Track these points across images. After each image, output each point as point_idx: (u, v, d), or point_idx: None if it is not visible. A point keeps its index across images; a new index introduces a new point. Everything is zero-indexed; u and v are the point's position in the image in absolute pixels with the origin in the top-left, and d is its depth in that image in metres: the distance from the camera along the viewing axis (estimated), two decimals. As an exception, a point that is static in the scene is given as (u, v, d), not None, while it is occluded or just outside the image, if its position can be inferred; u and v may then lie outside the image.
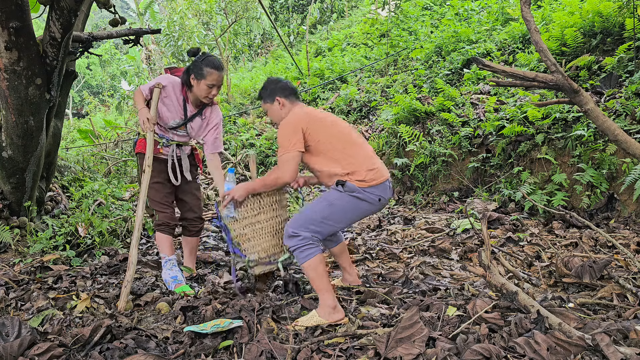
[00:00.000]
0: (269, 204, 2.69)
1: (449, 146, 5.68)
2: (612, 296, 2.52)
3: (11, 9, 3.17)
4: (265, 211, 2.68)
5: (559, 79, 2.58)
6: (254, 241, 2.69)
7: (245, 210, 2.67)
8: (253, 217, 2.67)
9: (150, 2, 13.39)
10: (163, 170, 3.07)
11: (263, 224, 2.68)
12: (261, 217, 2.67)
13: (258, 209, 2.67)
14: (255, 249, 2.69)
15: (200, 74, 2.88)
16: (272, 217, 2.70)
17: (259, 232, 2.69)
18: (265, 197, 2.67)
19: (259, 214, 2.67)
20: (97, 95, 21.09)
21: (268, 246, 2.69)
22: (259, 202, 2.66)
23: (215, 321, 2.30)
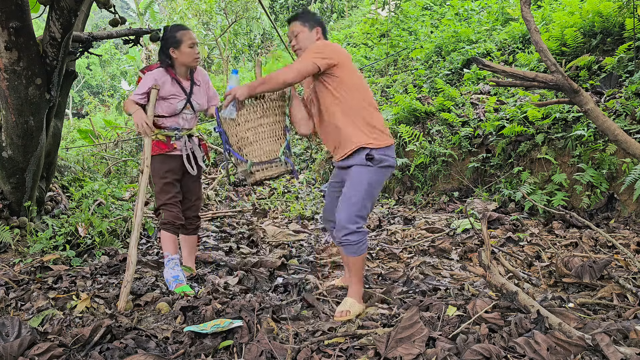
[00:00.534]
0: (272, 108, 2.69)
1: (449, 146, 5.68)
2: (612, 296, 2.52)
3: (11, 9, 3.17)
4: (268, 115, 2.68)
5: (559, 79, 2.58)
6: (256, 145, 2.68)
7: (248, 114, 2.66)
8: (256, 120, 2.66)
9: (150, 2, 13.38)
10: (172, 169, 3.06)
11: (265, 127, 2.68)
12: (264, 121, 2.67)
13: (261, 112, 2.66)
14: (257, 153, 2.68)
15: (175, 41, 2.95)
16: (275, 121, 2.70)
17: (261, 136, 2.67)
18: (268, 101, 2.66)
19: (262, 117, 2.66)
20: (97, 95, 21.09)
21: (270, 150, 2.69)
22: (262, 106, 2.66)
23: (215, 321, 2.30)
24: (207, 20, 13.18)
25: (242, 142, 2.70)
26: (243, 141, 2.70)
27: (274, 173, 2.72)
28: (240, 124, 2.68)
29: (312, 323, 2.43)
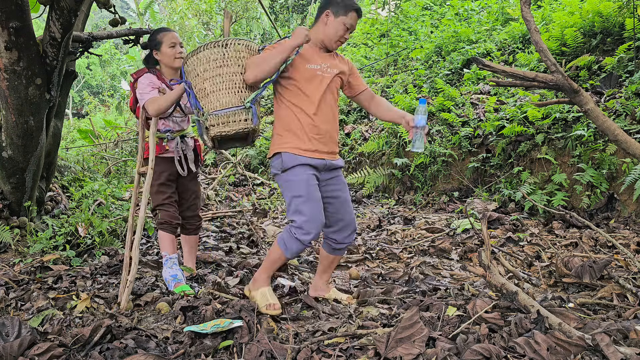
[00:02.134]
0: (235, 57, 2.50)
1: (449, 146, 5.68)
2: (612, 296, 2.52)
3: (11, 9, 3.17)
4: (229, 64, 2.49)
5: (559, 79, 2.58)
6: (212, 95, 2.50)
7: (207, 63, 2.49)
8: (215, 69, 2.49)
9: (150, 2, 13.39)
10: (166, 170, 3.07)
11: (224, 77, 2.49)
12: (223, 71, 2.49)
13: (221, 61, 2.48)
14: (214, 104, 2.50)
15: (156, 43, 2.96)
16: (236, 72, 2.50)
17: (219, 87, 2.49)
18: (231, 50, 2.49)
19: (222, 66, 2.49)
20: (97, 95, 21.10)
21: (227, 102, 2.48)
22: (223, 54, 2.48)
23: (215, 321, 2.30)
24: (207, 20, 13.18)
25: (200, 94, 2.53)
26: (201, 93, 2.52)
27: (231, 129, 2.49)
28: (199, 74, 2.51)
29: (312, 323, 2.43)
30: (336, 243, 2.69)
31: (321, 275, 2.81)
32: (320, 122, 2.55)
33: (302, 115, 2.52)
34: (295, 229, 2.46)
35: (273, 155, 2.58)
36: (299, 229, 2.45)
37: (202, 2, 12.80)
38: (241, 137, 2.63)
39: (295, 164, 2.49)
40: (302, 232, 2.44)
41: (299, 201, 2.46)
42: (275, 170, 2.57)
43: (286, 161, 2.50)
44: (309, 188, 2.48)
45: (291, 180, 2.50)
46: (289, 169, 2.50)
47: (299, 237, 2.45)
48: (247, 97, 2.50)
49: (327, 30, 2.52)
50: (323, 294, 2.80)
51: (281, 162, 2.51)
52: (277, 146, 2.55)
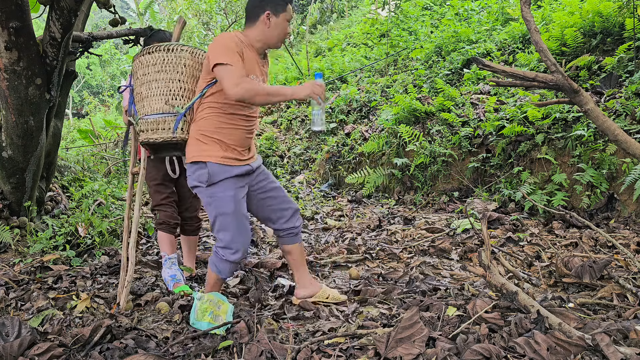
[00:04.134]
0: (175, 64, 2.42)
1: (449, 146, 5.68)
2: (612, 296, 2.52)
3: (11, 9, 3.17)
4: (167, 70, 2.42)
5: (559, 79, 2.58)
6: (146, 101, 2.44)
7: (147, 66, 2.43)
8: (153, 74, 2.43)
9: (150, 2, 13.38)
10: (161, 170, 3.07)
11: (160, 83, 2.42)
12: (160, 76, 2.42)
13: (160, 66, 2.42)
14: (146, 109, 2.44)
15: None
16: (174, 79, 2.43)
17: (154, 92, 2.43)
18: (172, 57, 2.42)
19: (160, 72, 2.42)
20: (97, 95, 21.09)
21: (159, 108, 2.41)
22: (163, 59, 2.41)
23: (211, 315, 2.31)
24: (207, 20, 13.18)
25: (137, 98, 2.47)
26: (137, 96, 2.47)
27: (158, 137, 2.41)
28: (139, 77, 2.45)
29: (312, 323, 2.44)
30: (293, 229, 2.66)
31: (299, 270, 2.74)
32: (250, 134, 2.48)
33: (235, 127, 2.40)
34: (222, 249, 2.41)
35: (193, 162, 2.40)
36: (226, 249, 2.40)
37: (202, 2, 12.80)
38: (173, 147, 2.53)
39: (224, 177, 2.36)
40: (230, 251, 2.40)
41: (224, 219, 2.38)
42: (197, 182, 2.39)
43: (213, 173, 2.35)
44: (237, 204, 2.39)
45: (217, 196, 2.37)
46: (217, 182, 2.36)
47: (228, 258, 2.41)
48: (180, 105, 2.42)
49: (271, 32, 2.40)
50: (317, 291, 2.71)
51: (207, 174, 2.35)
52: (200, 154, 2.37)
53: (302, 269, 2.75)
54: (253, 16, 2.40)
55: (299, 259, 2.73)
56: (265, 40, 2.42)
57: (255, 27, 2.40)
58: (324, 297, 2.73)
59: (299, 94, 2.29)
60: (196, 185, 2.42)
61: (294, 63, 10.81)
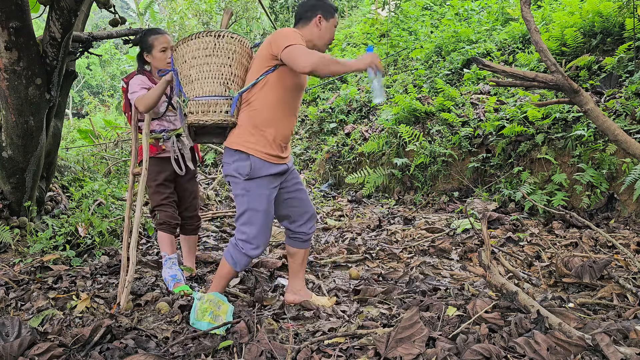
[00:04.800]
0: (226, 50, 2.43)
1: (449, 146, 5.68)
2: (612, 296, 2.52)
3: (11, 9, 3.17)
4: (219, 55, 2.43)
5: (559, 79, 2.58)
6: (197, 83, 2.43)
7: (197, 50, 2.43)
8: (203, 58, 2.43)
9: (150, 2, 13.39)
10: (163, 171, 3.07)
11: (212, 67, 2.43)
12: (211, 60, 2.43)
13: (211, 50, 2.43)
14: (197, 91, 2.43)
15: (148, 46, 2.96)
16: (225, 64, 2.43)
17: (204, 75, 2.43)
18: (223, 43, 2.43)
19: (210, 56, 2.43)
20: (97, 95, 21.09)
21: (211, 91, 2.41)
22: (214, 44, 2.42)
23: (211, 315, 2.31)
24: (207, 20, 13.18)
25: (185, 80, 2.48)
26: (185, 79, 2.47)
27: (209, 119, 2.40)
28: (186, 61, 2.46)
29: (312, 323, 2.44)
30: (305, 235, 2.67)
31: (297, 275, 2.74)
32: (291, 130, 2.52)
33: (284, 121, 2.44)
34: (243, 242, 2.43)
35: (235, 150, 2.42)
36: (247, 244, 2.43)
37: (202, 2, 12.80)
38: (218, 132, 2.54)
39: (263, 174, 2.40)
40: (251, 246, 2.42)
41: (254, 215, 2.41)
42: (236, 173, 2.41)
43: (255, 168, 2.38)
44: (269, 203, 2.44)
45: (252, 192, 2.40)
46: (255, 178, 2.40)
47: (248, 252, 2.43)
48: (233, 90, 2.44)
49: (322, 34, 2.49)
50: (306, 300, 2.70)
51: (249, 167, 2.38)
52: (245, 145, 2.40)
53: (299, 275, 2.75)
54: (305, 18, 2.50)
55: (300, 264, 2.74)
56: (314, 41, 2.50)
57: (306, 28, 2.49)
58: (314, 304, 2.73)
59: (359, 65, 2.33)
60: (232, 175, 2.43)
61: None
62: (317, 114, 8.57)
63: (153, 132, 3.04)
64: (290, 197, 2.62)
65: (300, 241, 2.69)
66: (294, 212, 2.65)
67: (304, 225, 2.67)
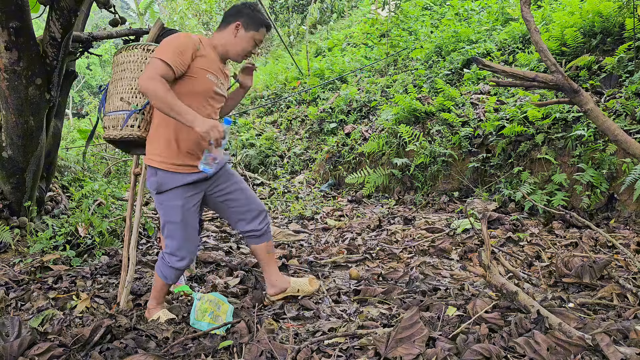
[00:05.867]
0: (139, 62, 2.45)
1: (449, 146, 5.68)
2: (612, 296, 2.52)
3: (11, 9, 3.17)
4: (132, 69, 2.45)
5: (559, 79, 2.58)
6: (111, 99, 2.48)
7: (117, 65, 2.48)
8: (118, 72, 2.47)
9: (150, 2, 13.39)
10: None
11: (124, 82, 2.45)
12: (125, 75, 2.45)
13: (126, 65, 2.46)
14: (109, 106, 2.47)
15: None
16: (135, 77, 2.44)
17: (118, 90, 2.45)
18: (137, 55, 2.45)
19: (125, 70, 2.46)
20: (97, 95, 21.07)
21: (120, 105, 2.43)
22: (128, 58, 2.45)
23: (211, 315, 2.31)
24: (207, 20, 13.19)
25: (107, 96, 2.53)
26: (107, 95, 2.53)
27: (117, 134, 2.42)
28: (111, 76, 2.53)
29: (312, 323, 2.43)
30: (257, 231, 2.66)
31: (266, 269, 2.74)
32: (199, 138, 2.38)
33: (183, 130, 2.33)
34: (168, 256, 2.44)
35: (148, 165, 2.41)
36: (171, 256, 2.43)
37: (202, 2, 12.80)
38: (140, 144, 2.53)
39: (173, 186, 2.36)
40: (175, 258, 2.43)
41: (172, 227, 2.41)
42: (150, 187, 2.42)
43: (162, 182, 2.35)
44: (185, 214, 2.39)
45: (165, 204, 2.39)
46: (165, 191, 2.37)
47: (173, 265, 2.44)
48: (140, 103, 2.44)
49: (235, 42, 2.45)
50: (285, 287, 2.73)
51: (156, 182, 2.36)
52: (152, 158, 2.38)
53: (269, 268, 2.74)
54: (225, 22, 2.48)
55: (266, 258, 2.72)
56: (226, 47, 2.47)
57: (222, 33, 2.48)
58: (294, 291, 2.75)
59: (197, 125, 2.15)
60: (151, 190, 2.44)
61: (294, 63, 10.81)
62: (317, 114, 8.57)
63: None
64: (226, 199, 2.58)
65: (255, 237, 2.67)
66: (234, 213, 2.61)
67: (250, 224, 2.63)
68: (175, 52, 2.25)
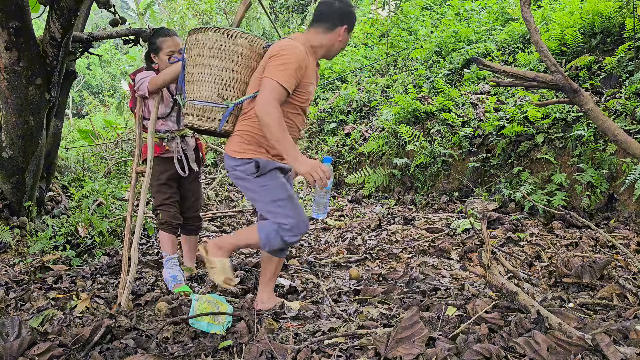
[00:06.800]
0: (232, 52, 2.35)
1: (449, 146, 5.68)
2: (612, 296, 2.52)
3: (11, 9, 3.17)
4: (222, 58, 2.35)
5: (559, 79, 2.58)
6: (196, 85, 2.38)
7: (202, 48, 2.35)
8: (207, 58, 2.35)
9: (150, 2, 13.38)
10: (167, 170, 3.06)
11: (213, 70, 2.34)
12: (214, 62, 2.34)
13: (216, 51, 2.34)
14: (194, 93, 2.38)
15: (156, 47, 2.92)
16: (228, 68, 2.36)
17: (205, 77, 2.35)
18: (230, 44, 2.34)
19: (214, 57, 2.35)
20: (97, 95, 21.08)
21: (207, 96, 2.35)
22: (220, 45, 2.34)
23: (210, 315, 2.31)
24: (207, 20, 13.18)
25: (188, 77, 2.42)
26: (188, 76, 2.42)
27: (202, 124, 2.37)
28: (192, 56, 2.38)
29: (312, 323, 2.43)
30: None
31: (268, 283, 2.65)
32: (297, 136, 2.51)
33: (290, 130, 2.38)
34: (285, 231, 2.39)
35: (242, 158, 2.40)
36: (288, 231, 2.39)
37: (202, 2, 12.80)
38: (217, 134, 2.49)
39: (272, 167, 2.40)
40: (292, 234, 2.40)
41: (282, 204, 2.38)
42: (244, 175, 2.39)
43: (263, 166, 2.37)
44: (289, 189, 2.42)
45: (269, 184, 2.38)
46: (266, 173, 2.38)
47: (287, 239, 2.40)
48: (230, 97, 2.38)
49: (339, 45, 2.46)
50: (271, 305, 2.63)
51: (254, 167, 2.37)
52: (245, 153, 2.39)
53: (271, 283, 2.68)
54: (329, 24, 2.40)
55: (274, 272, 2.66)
56: (329, 49, 2.45)
57: (327, 35, 2.41)
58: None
59: (298, 165, 2.21)
60: (241, 178, 2.40)
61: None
62: (317, 114, 8.57)
63: (158, 132, 3.04)
64: None
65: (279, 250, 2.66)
66: None
67: None
68: (292, 75, 2.23)
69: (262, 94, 2.22)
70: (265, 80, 2.24)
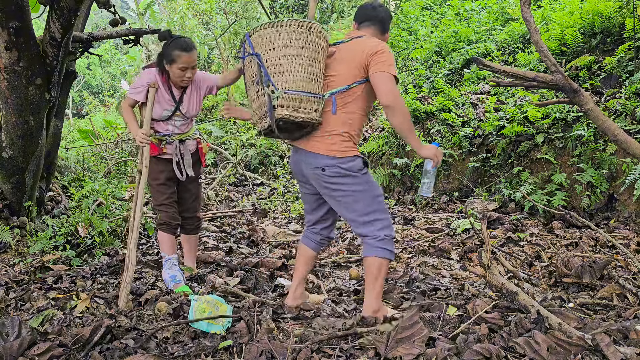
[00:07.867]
0: (319, 45, 2.32)
1: (449, 146, 5.68)
2: (612, 296, 2.52)
3: (11, 9, 3.17)
4: (311, 48, 2.30)
5: (559, 79, 2.58)
6: (289, 75, 2.28)
7: (288, 39, 2.29)
8: (296, 48, 2.29)
9: (150, 2, 13.38)
10: (164, 171, 3.06)
11: (305, 60, 2.29)
12: (305, 53, 2.29)
13: (304, 42, 2.29)
14: (289, 83, 2.27)
15: (170, 59, 2.84)
16: (317, 60, 2.32)
17: (297, 68, 2.29)
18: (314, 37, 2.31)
19: (304, 48, 2.29)
20: (97, 95, 21.08)
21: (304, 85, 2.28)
22: (307, 38, 2.29)
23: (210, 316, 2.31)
24: (207, 20, 13.19)
25: (274, 69, 2.31)
26: (275, 68, 2.30)
27: (299, 115, 2.27)
28: (275, 48, 2.30)
29: (312, 323, 2.43)
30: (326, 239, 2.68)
31: (301, 282, 2.67)
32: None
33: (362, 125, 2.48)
34: (386, 229, 2.36)
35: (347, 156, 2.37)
36: (387, 228, 2.37)
37: (202, 2, 12.79)
38: (296, 128, 2.39)
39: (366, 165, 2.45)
40: (390, 230, 2.39)
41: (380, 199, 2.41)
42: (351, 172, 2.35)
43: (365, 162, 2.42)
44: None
45: (371, 181, 2.41)
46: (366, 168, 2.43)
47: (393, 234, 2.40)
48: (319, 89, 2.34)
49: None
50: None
51: (361, 163, 2.38)
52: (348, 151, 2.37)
53: (303, 282, 2.72)
54: (382, 29, 2.54)
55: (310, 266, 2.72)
56: None
57: (381, 37, 2.51)
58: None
59: (425, 150, 2.36)
60: (348, 175, 2.35)
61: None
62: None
63: (157, 134, 3.04)
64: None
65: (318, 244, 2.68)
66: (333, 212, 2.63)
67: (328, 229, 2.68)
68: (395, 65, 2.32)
69: (387, 86, 2.25)
70: (382, 74, 2.27)
